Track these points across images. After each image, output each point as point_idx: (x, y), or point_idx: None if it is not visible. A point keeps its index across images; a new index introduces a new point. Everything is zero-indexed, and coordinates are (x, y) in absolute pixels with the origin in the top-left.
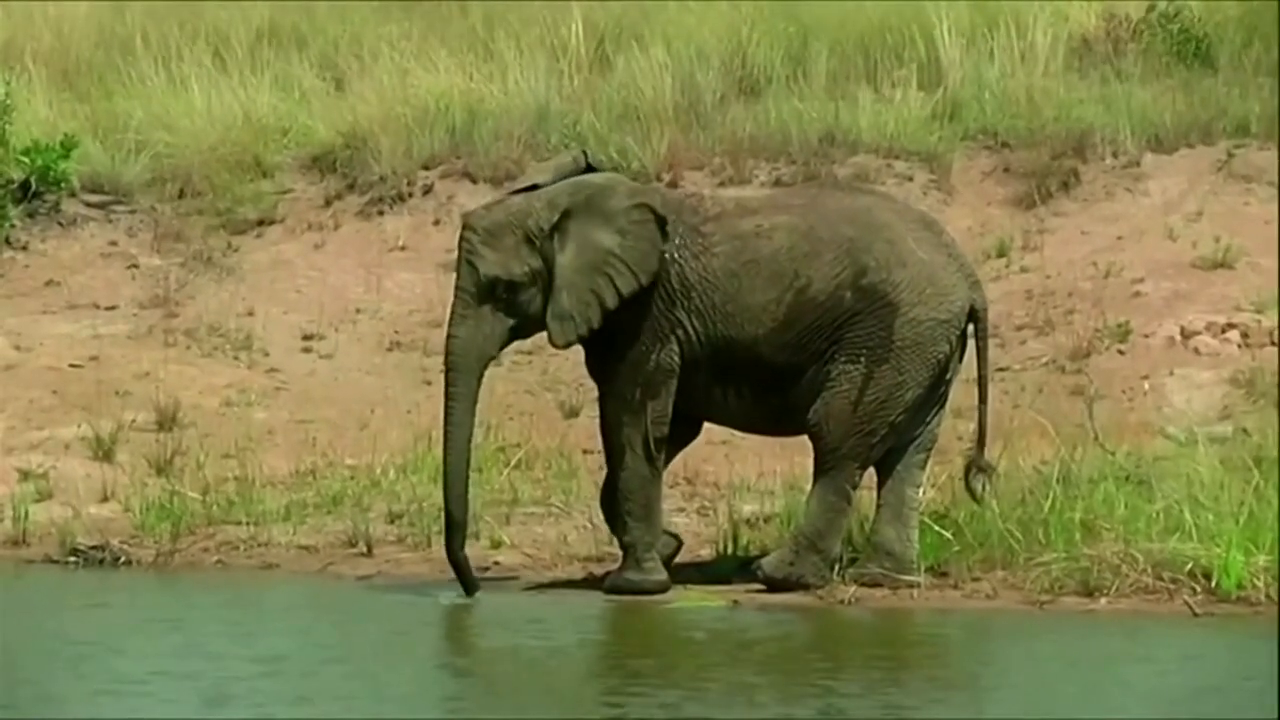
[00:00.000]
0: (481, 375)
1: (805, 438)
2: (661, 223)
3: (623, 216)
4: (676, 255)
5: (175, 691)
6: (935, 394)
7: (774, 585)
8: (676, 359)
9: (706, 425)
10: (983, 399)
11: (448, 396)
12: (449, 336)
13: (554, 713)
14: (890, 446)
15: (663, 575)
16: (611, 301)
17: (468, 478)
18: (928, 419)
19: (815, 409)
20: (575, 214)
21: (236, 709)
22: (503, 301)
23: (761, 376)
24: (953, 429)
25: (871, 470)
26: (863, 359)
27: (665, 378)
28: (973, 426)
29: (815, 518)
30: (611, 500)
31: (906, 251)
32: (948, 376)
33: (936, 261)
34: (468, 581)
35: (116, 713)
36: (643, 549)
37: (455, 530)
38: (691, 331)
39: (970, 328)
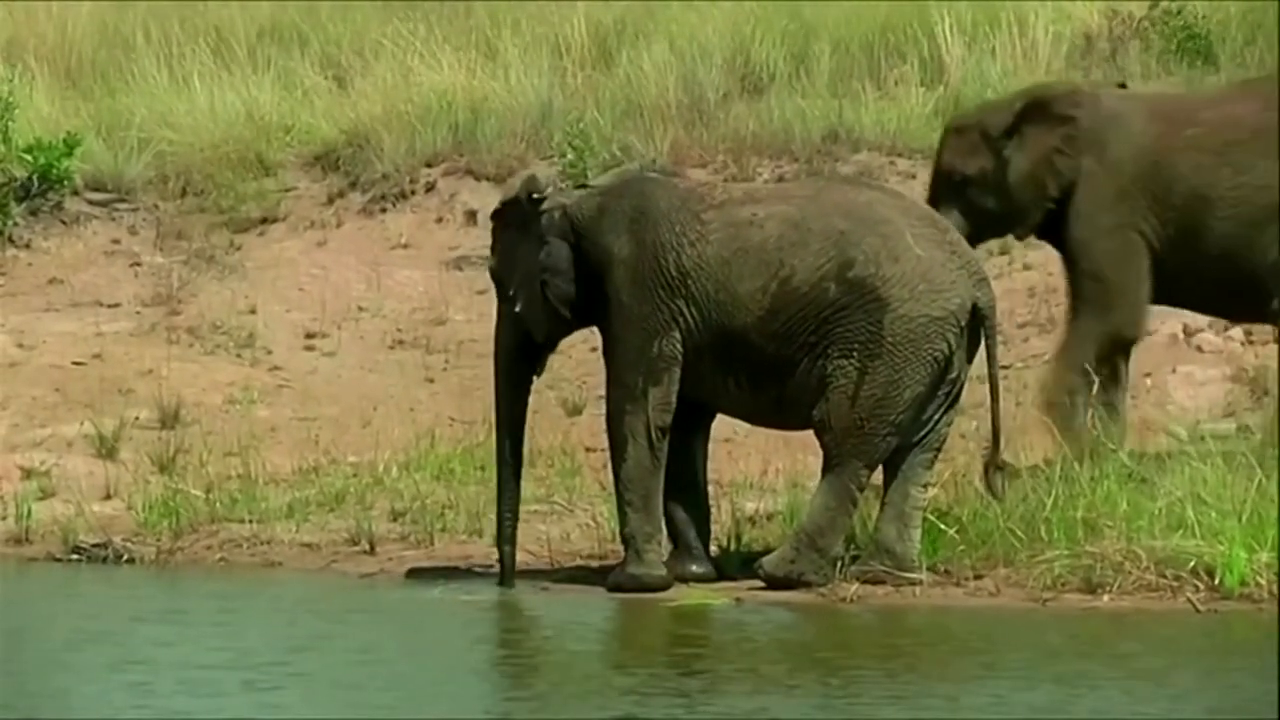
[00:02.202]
0: (514, 371)
1: (809, 434)
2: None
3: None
4: (675, 243)
5: (177, 689)
6: (939, 393)
7: (774, 583)
8: (679, 347)
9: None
10: (994, 397)
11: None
12: None
13: (554, 710)
14: (897, 445)
15: (664, 570)
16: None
17: (513, 474)
18: (933, 418)
19: (818, 406)
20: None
21: (237, 707)
22: (503, 296)
23: (756, 366)
24: (955, 425)
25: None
26: (855, 354)
27: (668, 365)
28: (974, 425)
29: (816, 516)
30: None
31: (902, 247)
32: (951, 375)
33: (935, 258)
34: (504, 574)
35: (118, 711)
36: (642, 539)
37: (499, 525)
38: (690, 319)
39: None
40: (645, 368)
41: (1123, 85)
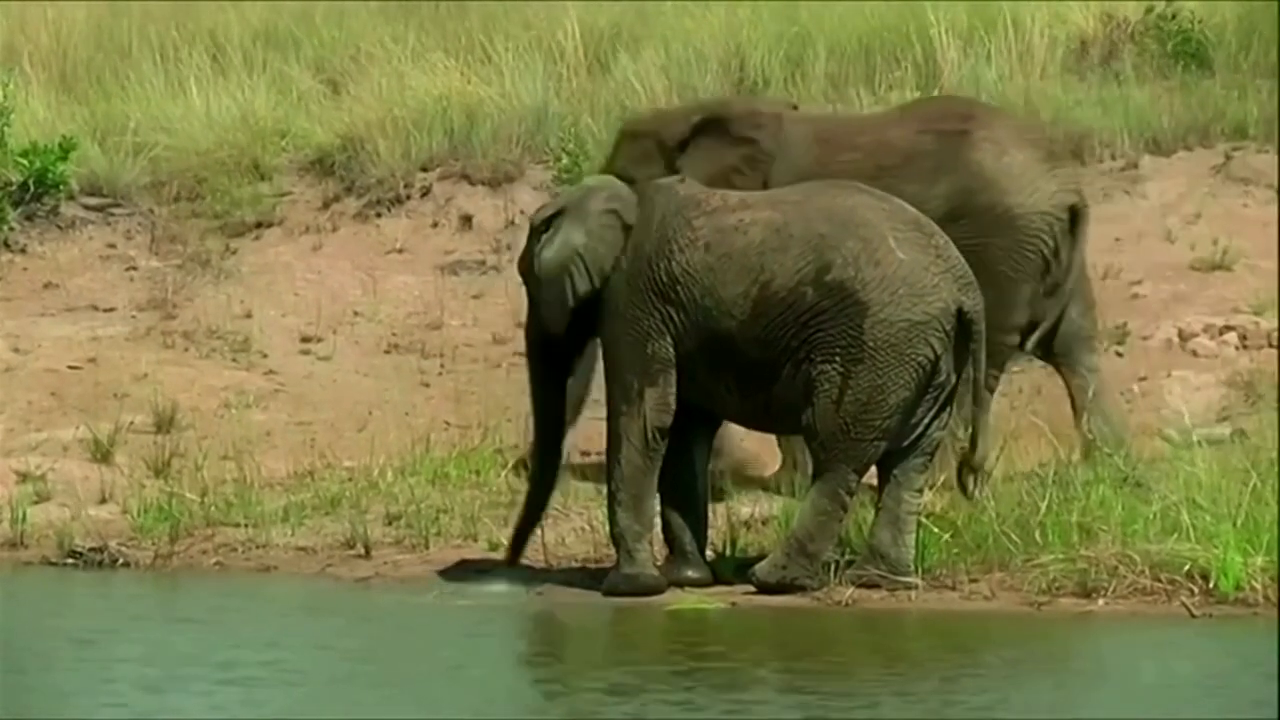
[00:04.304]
0: (540, 366)
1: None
2: (626, 230)
3: (594, 219)
4: (667, 249)
5: (174, 692)
6: (927, 397)
7: (767, 590)
8: (672, 351)
9: None
10: (976, 400)
11: None
12: None
13: (549, 713)
14: (888, 450)
15: (656, 571)
16: (571, 300)
17: (544, 471)
18: (924, 422)
19: (806, 412)
20: (566, 212)
21: (232, 708)
22: (529, 295)
23: (743, 371)
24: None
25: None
26: (837, 359)
27: (664, 367)
28: (966, 429)
29: (806, 521)
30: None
31: (883, 251)
32: (939, 379)
33: (917, 262)
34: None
35: (115, 712)
36: (632, 538)
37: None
38: (680, 324)
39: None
40: (641, 369)
41: (794, 107)
